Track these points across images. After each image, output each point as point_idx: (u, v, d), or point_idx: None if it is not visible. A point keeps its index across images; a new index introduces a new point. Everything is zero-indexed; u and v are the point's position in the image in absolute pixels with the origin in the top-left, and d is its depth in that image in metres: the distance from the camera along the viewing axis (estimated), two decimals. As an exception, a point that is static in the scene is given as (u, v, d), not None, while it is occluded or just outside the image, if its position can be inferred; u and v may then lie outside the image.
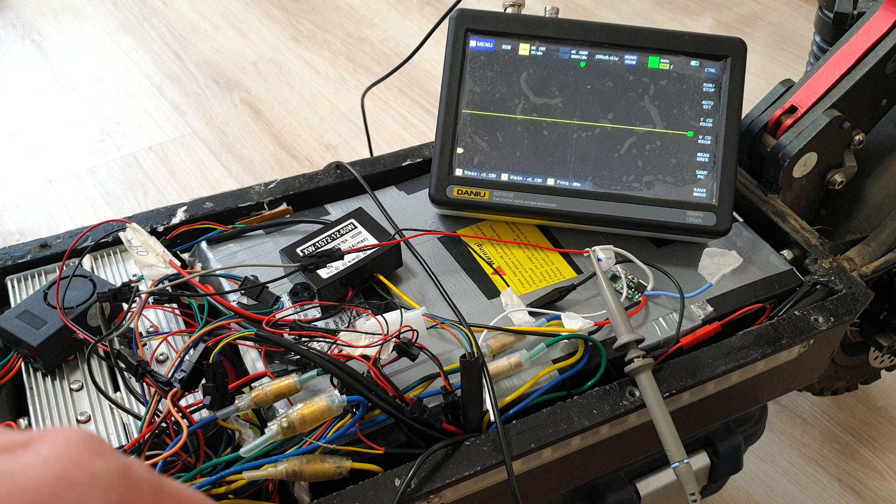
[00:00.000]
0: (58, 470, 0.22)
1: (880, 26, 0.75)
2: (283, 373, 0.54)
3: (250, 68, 1.66)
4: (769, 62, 1.67)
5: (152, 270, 0.59)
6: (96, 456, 0.23)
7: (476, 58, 0.70)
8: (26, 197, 1.36)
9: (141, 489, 0.23)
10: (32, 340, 0.57)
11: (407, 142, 1.45)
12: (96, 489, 0.22)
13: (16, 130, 1.50)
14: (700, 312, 0.63)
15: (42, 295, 0.59)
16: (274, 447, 0.51)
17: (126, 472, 0.23)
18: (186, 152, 1.46)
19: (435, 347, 0.57)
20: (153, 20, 1.81)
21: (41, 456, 0.22)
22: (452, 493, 0.53)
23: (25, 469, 0.21)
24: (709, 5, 1.86)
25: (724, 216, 0.67)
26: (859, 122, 0.76)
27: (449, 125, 0.68)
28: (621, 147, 0.68)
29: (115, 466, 0.23)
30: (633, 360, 0.56)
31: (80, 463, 0.22)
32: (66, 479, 0.22)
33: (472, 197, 0.67)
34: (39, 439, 0.23)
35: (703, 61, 0.70)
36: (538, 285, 0.65)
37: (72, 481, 0.22)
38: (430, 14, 1.82)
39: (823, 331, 0.63)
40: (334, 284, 0.60)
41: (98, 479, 0.22)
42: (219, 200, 0.71)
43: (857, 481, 0.98)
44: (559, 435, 0.54)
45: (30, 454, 0.22)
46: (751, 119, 0.77)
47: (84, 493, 0.22)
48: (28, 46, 1.73)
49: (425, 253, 0.66)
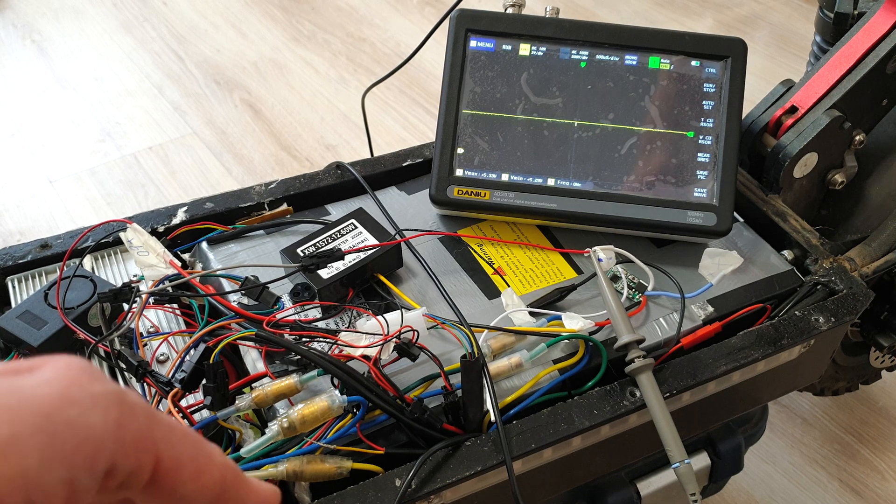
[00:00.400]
0: (61, 389, 0.24)
1: (881, 26, 0.75)
2: (283, 373, 0.54)
3: (251, 68, 1.66)
4: (769, 62, 1.67)
5: (153, 271, 0.59)
6: (94, 380, 0.25)
7: (476, 58, 0.70)
8: (27, 197, 1.36)
9: (136, 412, 0.25)
10: (33, 341, 0.57)
11: (407, 142, 1.45)
12: (96, 407, 0.24)
13: (16, 130, 1.50)
14: (700, 312, 0.63)
15: (43, 295, 0.59)
16: (274, 447, 0.51)
17: (122, 395, 0.25)
18: (187, 152, 1.46)
19: (435, 348, 0.57)
20: (153, 20, 1.81)
21: (45, 377, 0.24)
22: (453, 493, 0.53)
23: (33, 387, 0.24)
24: (709, 5, 1.86)
25: (725, 216, 0.67)
26: (860, 122, 0.76)
27: (449, 125, 0.68)
28: (622, 147, 0.68)
29: (112, 390, 0.25)
30: (634, 361, 0.56)
31: (80, 384, 0.24)
32: (68, 397, 0.24)
33: (472, 197, 0.67)
34: (42, 364, 0.25)
35: (704, 61, 0.70)
36: (539, 285, 0.65)
37: (74, 398, 0.24)
38: (431, 14, 1.82)
39: (824, 331, 0.63)
40: (335, 285, 0.60)
41: (97, 398, 0.24)
42: (219, 201, 0.71)
43: (857, 481, 0.98)
44: (560, 435, 0.54)
45: (35, 376, 0.24)
46: (751, 119, 0.77)
47: (86, 408, 0.24)
48: (28, 47, 1.73)
49: (426, 253, 0.66)
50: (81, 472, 0.23)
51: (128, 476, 0.25)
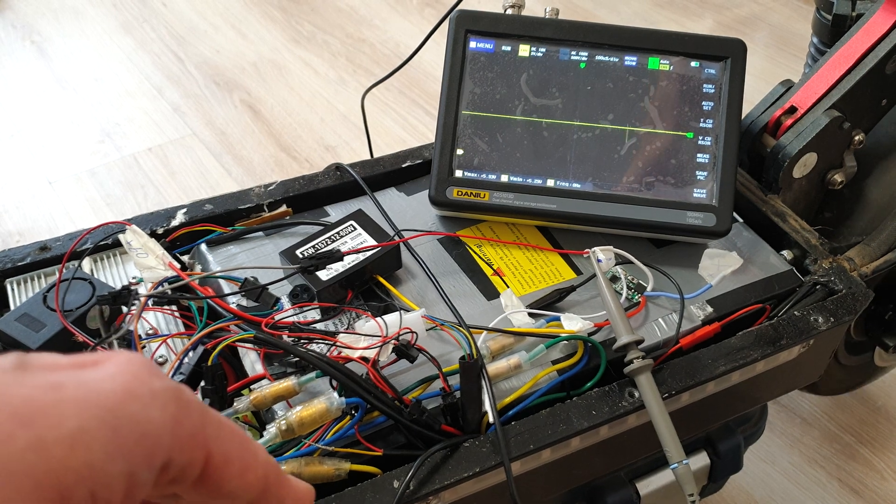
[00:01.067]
0: (124, 384, 0.25)
1: (880, 27, 0.75)
2: (281, 375, 0.54)
3: (250, 69, 1.66)
4: (769, 63, 1.67)
5: (152, 273, 0.59)
6: (154, 376, 0.26)
7: (476, 59, 0.70)
8: (26, 198, 1.36)
9: (191, 409, 0.26)
10: (32, 343, 0.57)
11: (407, 143, 1.45)
12: (156, 402, 0.25)
13: (16, 131, 1.50)
14: (700, 313, 0.63)
15: (41, 298, 0.59)
16: (273, 449, 0.51)
17: (179, 392, 0.26)
18: (186, 153, 1.46)
19: (434, 349, 0.57)
20: (153, 21, 1.81)
21: (109, 372, 0.25)
22: (451, 494, 0.53)
23: (98, 381, 0.24)
24: (708, 6, 1.86)
25: (724, 217, 0.67)
26: (859, 122, 0.76)
27: (449, 126, 0.68)
28: (621, 148, 0.68)
29: (171, 386, 0.26)
30: (633, 361, 0.56)
31: (142, 380, 0.25)
32: (131, 392, 0.24)
33: (471, 198, 0.67)
34: (105, 360, 0.26)
35: (703, 62, 0.70)
36: (538, 286, 0.65)
37: (137, 394, 0.25)
38: (430, 15, 1.82)
39: (823, 331, 0.63)
40: (334, 286, 0.60)
41: (157, 394, 0.25)
42: (218, 202, 0.71)
43: (857, 481, 0.98)
44: (558, 436, 0.54)
45: (99, 370, 0.25)
46: (751, 119, 0.77)
47: (147, 404, 0.25)
48: (28, 47, 1.73)
49: (425, 254, 0.66)
50: (141, 465, 0.24)
51: (181, 471, 0.25)
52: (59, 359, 0.25)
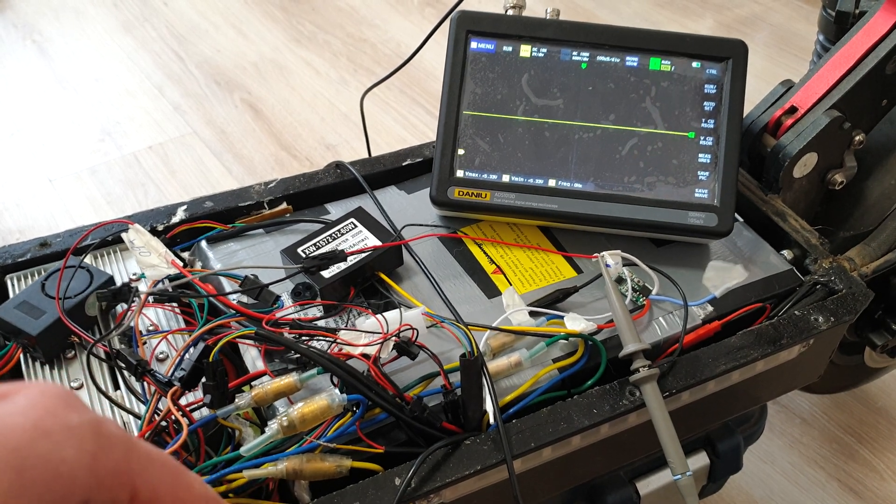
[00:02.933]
0: (35, 419, 0.23)
1: (880, 27, 0.76)
2: (283, 371, 0.54)
3: (251, 69, 1.66)
4: (769, 63, 1.68)
5: (154, 270, 0.59)
6: (70, 409, 0.24)
7: (477, 59, 0.70)
8: (27, 196, 1.36)
9: (113, 443, 0.24)
10: (32, 330, 0.57)
11: (407, 142, 1.46)
12: (71, 440, 0.23)
13: (16, 130, 1.50)
14: (700, 312, 0.63)
15: (40, 286, 0.60)
16: (274, 446, 0.51)
17: (98, 426, 0.24)
18: (187, 152, 1.46)
19: (435, 346, 0.57)
20: (154, 21, 1.81)
21: (19, 406, 0.23)
22: (452, 492, 0.53)
23: (4, 417, 0.22)
24: (709, 6, 1.86)
25: (726, 217, 0.67)
26: (859, 122, 0.76)
27: (450, 126, 0.68)
28: (623, 148, 0.68)
29: (89, 420, 0.24)
30: (639, 370, 0.56)
31: (55, 414, 0.23)
32: (42, 428, 0.23)
33: (473, 198, 0.67)
34: (16, 391, 0.24)
35: (705, 63, 0.70)
36: (538, 284, 0.65)
37: (48, 430, 0.23)
38: (431, 15, 1.82)
39: (823, 330, 0.63)
40: (336, 284, 0.60)
41: (72, 430, 0.23)
42: (219, 200, 0.71)
43: (856, 482, 0.98)
44: (559, 434, 0.54)
45: (7, 404, 0.23)
46: (751, 119, 0.77)
47: (59, 442, 0.23)
48: (29, 47, 1.73)
49: (425, 252, 0.66)
50: None
51: None
52: None
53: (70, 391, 0.25)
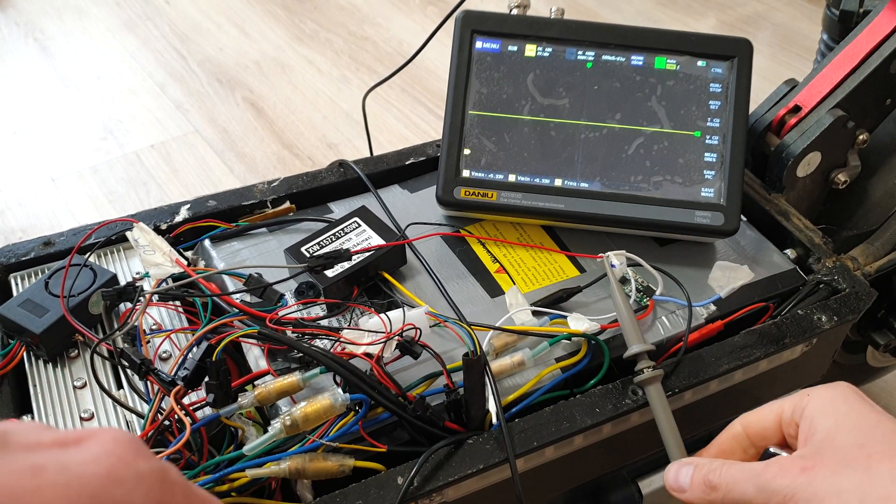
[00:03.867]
0: (108, 467, 0.24)
1: (885, 26, 0.75)
2: (286, 371, 0.54)
3: (253, 67, 1.66)
4: (772, 62, 1.67)
5: (159, 269, 0.59)
6: (140, 457, 0.25)
7: (482, 59, 0.70)
8: (29, 195, 1.36)
9: (175, 491, 0.25)
10: (35, 328, 0.57)
11: (409, 140, 1.46)
12: (141, 487, 0.24)
13: (19, 129, 1.50)
14: (703, 311, 0.63)
15: (43, 284, 0.60)
16: (277, 445, 0.51)
17: (164, 474, 0.25)
18: (189, 151, 1.46)
19: (438, 345, 0.57)
20: (156, 19, 1.81)
21: (93, 453, 0.24)
22: (455, 491, 0.53)
23: (80, 464, 0.23)
24: (712, 5, 1.86)
25: (733, 216, 0.66)
26: (863, 121, 0.76)
27: (456, 126, 0.68)
28: (629, 147, 0.68)
29: (156, 468, 0.25)
30: (643, 371, 0.55)
31: (127, 462, 0.24)
32: (115, 476, 0.24)
33: (479, 198, 0.67)
34: (89, 438, 0.25)
35: (710, 61, 0.70)
36: (541, 284, 0.65)
37: (120, 478, 0.24)
38: (433, 13, 1.82)
39: (826, 330, 0.63)
40: (339, 283, 0.60)
41: (143, 478, 0.24)
42: (222, 198, 0.71)
43: (859, 481, 0.98)
44: (562, 433, 0.54)
45: (82, 451, 0.24)
46: (755, 118, 0.77)
47: (131, 490, 0.24)
48: (31, 45, 1.73)
49: (429, 251, 0.66)
50: None
51: None
52: (42, 436, 0.24)
53: (138, 438, 0.26)
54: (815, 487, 0.40)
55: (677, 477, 0.48)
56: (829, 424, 0.42)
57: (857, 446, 0.40)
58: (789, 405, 0.46)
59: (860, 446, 0.40)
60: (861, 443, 0.40)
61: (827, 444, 0.42)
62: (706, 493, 0.45)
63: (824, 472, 0.40)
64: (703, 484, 0.46)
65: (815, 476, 0.40)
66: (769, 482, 0.42)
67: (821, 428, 0.43)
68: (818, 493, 0.40)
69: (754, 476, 0.43)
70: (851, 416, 0.42)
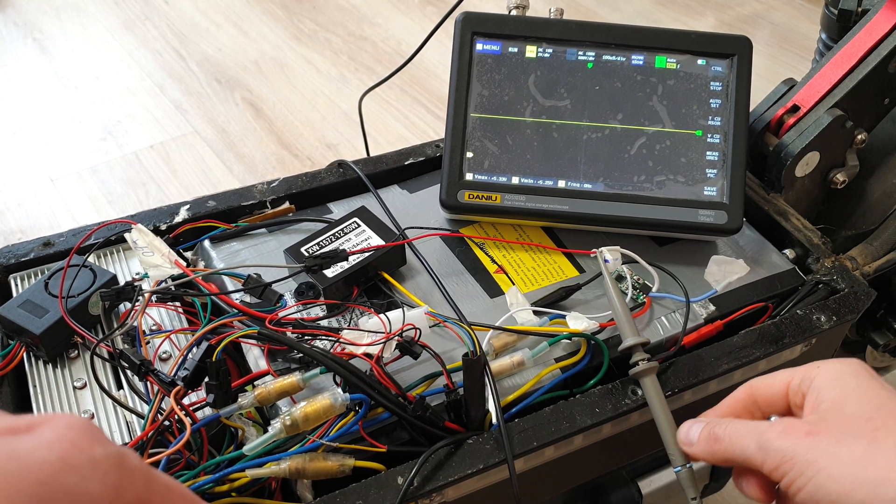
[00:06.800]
0: (61, 453, 0.23)
1: (883, 26, 0.75)
2: (285, 371, 0.54)
3: (252, 67, 1.66)
4: (771, 61, 1.67)
5: (158, 271, 0.59)
6: (95, 442, 0.24)
7: (483, 61, 0.70)
8: (28, 195, 1.36)
9: (134, 476, 0.25)
10: (35, 329, 0.57)
11: (408, 141, 1.46)
12: (96, 473, 0.23)
13: (17, 129, 1.50)
14: (702, 311, 0.63)
15: (43, 284, 0.60)
16: (277, 445, 0.51)
17: (122, 459, 0.24)
18: (188, 151, 1.46)
19: (438, 346, 0.57)
20: (155, 19, 1.81)
21: (45, 439, 0.23)
22: (454, 491, 0.53)
23: (31, 451, 0.23)
24: (710, 5, 1.86)
25: (736, 214, 0.67)
26: (861, 121, 0.76)
27: (458, 129, 0.68)
28: (631, 147, 0.68)
29: (113, 453, 0.24)
30: (638, 363, 0.56)
31: (81, 448, 0.23)
32: (68, 462, 0.23)
33: (483, 201, 0.67)
34: (42, 424, 0.24)
35: (710, 60, 0.70)
36: (541, 284, 0.65)
37: (74, 464, 0.23)
38: (432, 13, 1.82)
39: (825, 330, 0.63)
40: (339, 283, 0.60)
41: (97, 463, 0.24)
42: (221, 199, 0.71)
43: (858, 481, 0.98)
44: (561, 433, 0.54)
45: (34, 437, 0.23)
46: (753, 118, 0.77)
47: (85, 475, 0.23)
48: (30, 45, 1.73)
49: (428, 252, 0.66)
50: None
51: None
52: None
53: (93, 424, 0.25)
54: (817, 452, 0.40)
55: (688, 432, 0.49)
56: (837, 395, 0.43)
57: (864, 418, 0.41)
58: (799, 374, 0.46)
59: (867, 419, 0.40)
60: (869, 416, 0.41)
61: (834, 413, 0.42)
62: (710, 444, 0.47)
63: (828, 438, 0.40)
64: (708, 436, 0.47)
65: (818, 441, 0.40)
66: (771, 441, 0.42)
67: (828, 398, 0.43)
68: (819, 458, 0.40)
69: (758, 434, 0.43)
70: (860, 391, 0.42)
